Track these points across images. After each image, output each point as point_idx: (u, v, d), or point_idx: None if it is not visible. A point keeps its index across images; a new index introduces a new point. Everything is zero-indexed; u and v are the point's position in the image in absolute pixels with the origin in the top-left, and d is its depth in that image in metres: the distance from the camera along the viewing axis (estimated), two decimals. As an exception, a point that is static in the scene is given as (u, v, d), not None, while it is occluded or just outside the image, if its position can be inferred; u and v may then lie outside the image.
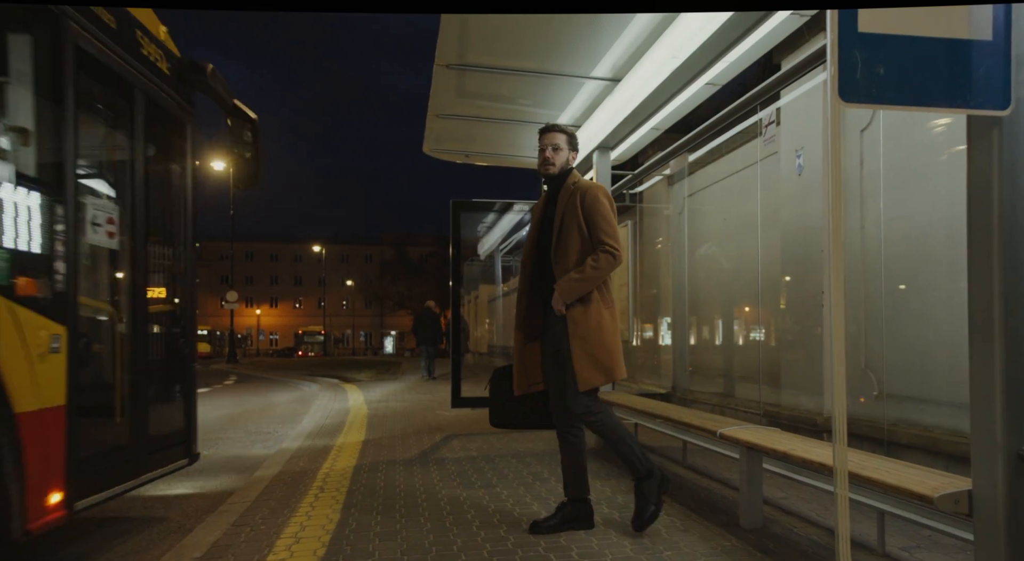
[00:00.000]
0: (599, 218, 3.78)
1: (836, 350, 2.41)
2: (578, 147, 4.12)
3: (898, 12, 2.18)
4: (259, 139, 5.25)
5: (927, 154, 4.88)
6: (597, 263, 3.71)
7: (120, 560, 3.93)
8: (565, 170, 4.01)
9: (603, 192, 3.90)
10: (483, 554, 3.49)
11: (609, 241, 3.73)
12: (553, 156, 3.98)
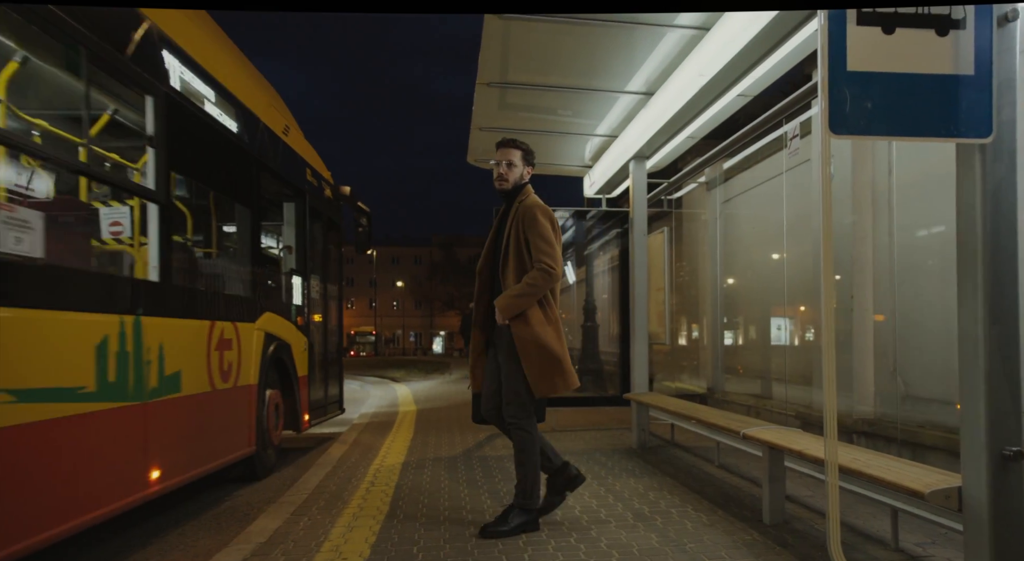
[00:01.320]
0: (535, 237, 3.90)
1: (826, 356, 2.63)
2: (533, 162, 4.23)
3: (886, 49, 2.39)
4: (370, 223, 9.90)
5: (953, 162, 5.00)
6: (533, 280, 3.86)
7: (197, 530, 4.33)
8: (519, 185, 4.12)
9: (541, 211, 3.99)
10: (520, 542, 3.79)
11: (545, 259, 3.86)
12: (507, 172, 4.09)
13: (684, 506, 4.54)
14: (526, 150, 4.18)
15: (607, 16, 4.85)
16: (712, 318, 8.23)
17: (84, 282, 3.86)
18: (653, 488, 5.07)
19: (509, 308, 3.89)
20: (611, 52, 5.41)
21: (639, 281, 6.89)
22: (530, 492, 4.01)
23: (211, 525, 4.81)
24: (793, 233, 6.63)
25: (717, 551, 3.63)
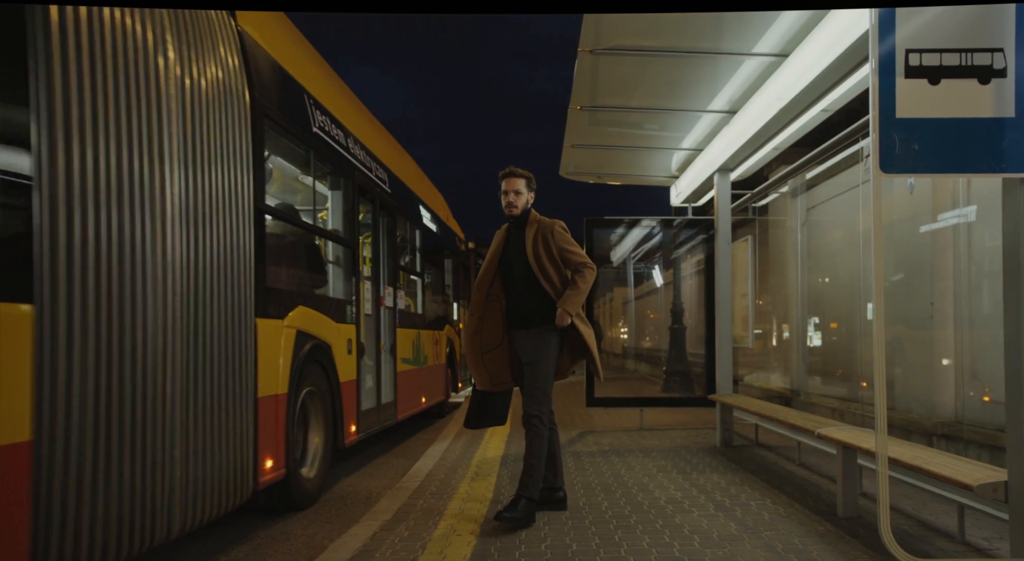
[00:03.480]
0: (569, 246, 4.57)
1: (877, 355, 2.98)
2: (535, 187, 4.73)
3: (931, 98, 2.76)
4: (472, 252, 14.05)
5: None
6: (584, 277, 4.50)
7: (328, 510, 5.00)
8: (527, 210, 4.66)
9: (561, 226, 4.63)
10: (610, 526, 4.26)
11: (584, 260, 4.54)
12: (516, 200, 4.63)
13: (763, 499, 4.91)
14: (529, 178, 4.68)
15: (690, 47, 5.26)
16: (796, 322, 8.46)
17: (428, 320, 10.10)
18: (735, 483, 5.44)
19: (575, 304, 4.49)
20: (694, 78, 5.81)
21: (723, 288, 7.24)
22: (535, 483, 4.45)
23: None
24: (872, 241, 6.84)
25: (791, 539, 4.00)
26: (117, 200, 3.26)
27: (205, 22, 4.08)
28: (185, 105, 3.77)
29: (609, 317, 22.41)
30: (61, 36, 3.01)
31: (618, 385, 13.80)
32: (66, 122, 3.02)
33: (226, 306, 4.07)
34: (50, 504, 2.83)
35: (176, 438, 3.58)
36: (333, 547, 4.01)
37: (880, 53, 2.83)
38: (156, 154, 3.53)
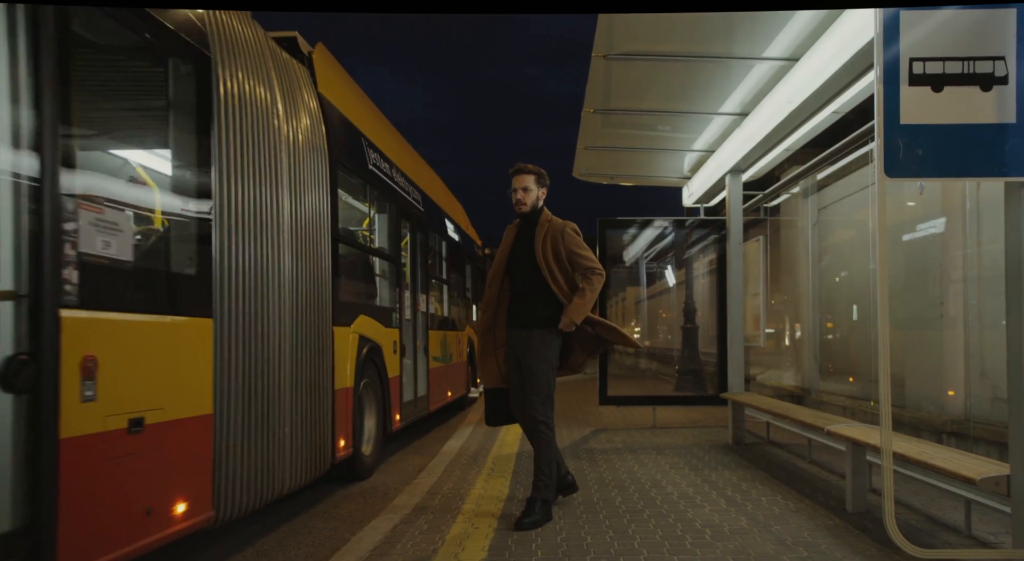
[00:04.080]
0: (579, 249, 4.49)
1: (882, 354, 3.08)
2: (547, 183, 4.63)
3: (935, 105, 2.86)
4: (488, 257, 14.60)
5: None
6: (592, 284, 4.44)
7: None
8: (537, 208, 4.58)
9: (573, 229, 4.56)
10: (624, 520, 4.37)
11: (594, 266, 4.48)
12: (524, 197, 4.54)
13: (774, 495, 5.01)
14: (539, 174, 4.59)
15: (702, 52, 5.36)
16: (808, 321, 8.53)
17: (452, 322, 11.03)
18: (746, 479, 5.54)
19: (582, 313, 4.45)
20: (706, 81, 5.91)
21: (734, 288, 7.33)
22: (551, 484, 4.50)
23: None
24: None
25: (800, 533, 4.10)
26: (255, 235, 4.30)
27: (299, 86, 5.17)
28: (290, 156, 4.84)
29: (622, 316, 22.50)
30: (226, 109, 4.07)
31: (631, 384, 13.91)
32: (229, 172, 4.07)
33: (314, 317, 5.14)
34: (223, 454, 3.96)
35: (286, 420, 4.66)
36: (355, 540, 4.14)
37: (885, 62, 2.93)
38: (275, 197, 4.59)
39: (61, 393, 2.82)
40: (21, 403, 2.70)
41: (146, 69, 3.90)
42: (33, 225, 2.75)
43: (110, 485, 3.17)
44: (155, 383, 3.49)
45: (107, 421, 3.10)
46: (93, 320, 3.05)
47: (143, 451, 3.35)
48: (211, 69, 3.99)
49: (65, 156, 2.92)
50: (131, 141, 4.09)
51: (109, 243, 3.18)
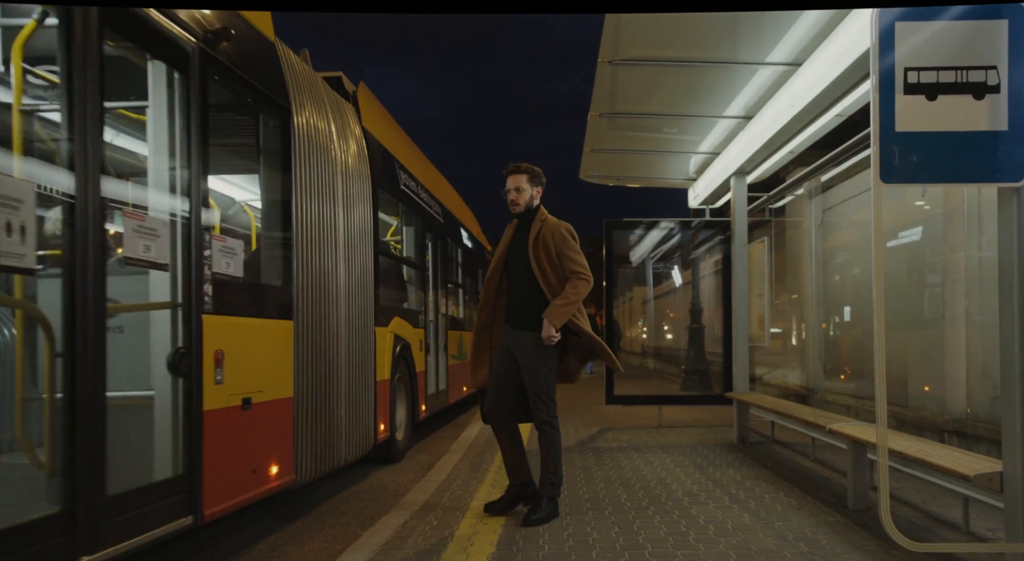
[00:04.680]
0: (570, 252, 4.45)
1: (877, 353, 3.17)
2: (542, 182, 4.61)
3: (929, 113, 2.95)
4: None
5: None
6: (576, 289, 4.40)
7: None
8: (532, 207, 4.57)
9: (568, 230, 4.53)
10: (629, 516, 4.48)
11: (581, 270, 4.43)
12: (517, 197, 4.53)
13: (777, 492, 5.10)
14: (532, 173, 4.58)
15: (706, 57, 5.46)
16: (812, 322, 8.61)
17: (466, 322, 11.50)
18: (750, 477, 5.63)
19: (561, 316, 4.38)
20: (710, 85, 6.00)
21: (739, 289, 7.42)
22: (558, 482, 4.56)
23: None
24: (889, 242, 7.00)
25: (802, 529, 4.19)
26: (320, 251, 5.24)
27: (348, 121, 6.12)
28: (343, 182, 5.78)
29: (629, 316, 22.58)
30: (300, 148, 4.99)
31: (637, 383, 13.98)
32: (303, 200, 4.98)
33: (362, 319, 6.07)
34: (300, 429, 4.91)
35: (343, 404, 5.60)
36: (366, 535, 4.25)
37: (880, 71, 3.02)
38: (333, 218, 5.52)
39: (204, 377, 3.81)
40: (180, 384, 3.69)
41: (247, 124, 4.92)
42: (184, 253, 3.71)
43: (232, 448, 4.14)
44: (257, 371, 4.44)
45: (230, 399, 4.10)
46: (221, 322, 4.03)
47: (250, 424, 4.33)
48: (291, 118, 4.96)
49: (204, 198, 3.88)
50: (238, 181, 5.45)
51: (229, 264, 4.15)
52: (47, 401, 3.02)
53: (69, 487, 2.91)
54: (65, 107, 3.01)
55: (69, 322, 2.97)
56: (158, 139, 3.74)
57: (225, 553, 4.37)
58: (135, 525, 3.29)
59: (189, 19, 3.79)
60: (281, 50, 5.07)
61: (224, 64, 4.13)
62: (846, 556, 3.69)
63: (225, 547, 4.49)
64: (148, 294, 3.68)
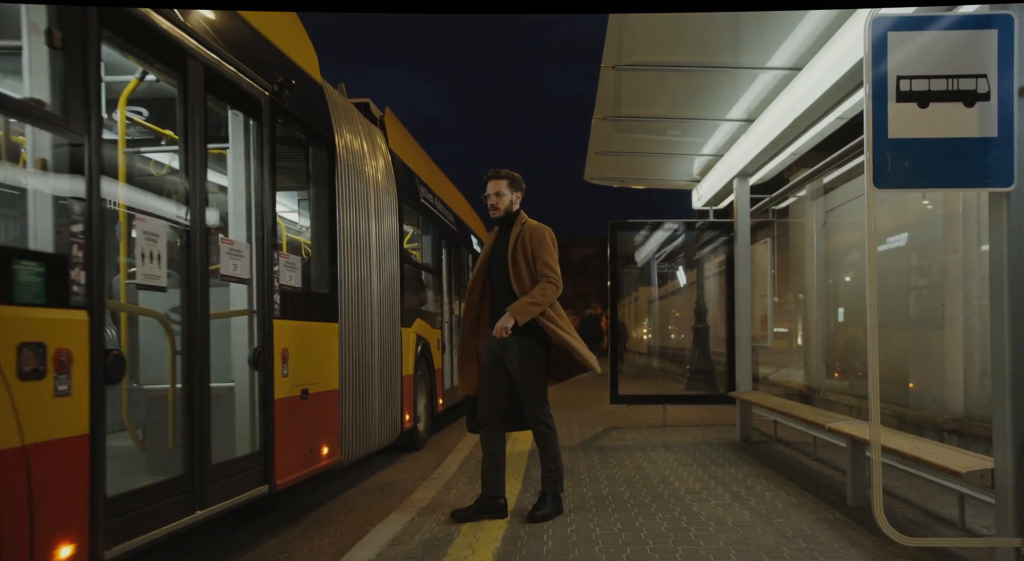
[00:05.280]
0: (545, 255, 4.50)
1: (871, 354, 3.26)
2: (522, 187, 4.67)
3: (921, 120, 3.04)
4: None
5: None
6: (544, 291, 4.44)
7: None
8: (512, 212, 4.63)
9: (548, 233, 4.58)
10: (632, 513, 4.58)
11: (551, 274, 4.46)
12: (497, 201, 4.60)
13: (777, 490, 5.19)
14: (512, 178, 4.63)
15: (708, 62, 5.55)
16: (815, 322, 8.69)
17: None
18: (751, 475, 5.72)
19: (525, 313, 4.40)
20: (712, 89, 6.09)
21: (742, 289, 7.50)
22: (560, 478, 4.61)
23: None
24: (891, 242, 7.07)
25: (800, 525, 4.28)
26: (358, 261, 6.08)
27: (377, 144, 6.92)
28: (375, 198, 6.59)
29: (634, 316, 22.66)
30: (341, 171, 5.80)
31: (642, 383, 14.08)
32: (344, 218, 5.79)
33: (391, 321, 6.90)
34: (344, 416, 5.70)
35: (376, 396, 6.40)
36: (375, 530, 4.36)
37: (874, 79, 3.11)
38: (368, 231, 6.32)
39: (274, 371, 4.58)
40: (256, 377, 4.46)
41: (301, 155, 5.59)
42: (258, 269, 4.47)
43: (294, 430, 4.89)
44: (311, 366, 5.20)
45: (292, 389, 4.86)
46: (286, 325, 4.77)
47: (307, 410, 5.09)
48: (335, 147, 5.73)
49: (273, 222, 4.67)
50: (295, 204, 6.43)
51: (291, 276, 4.92)
52: (170, 390, 3.77)
53: (189, 457, 3.71)
54: (182, 154, 3.80)
55: (186, 327, 3.73)
56: (236, 174, 4.49)
57: (238, 548, 4.48)
58: (230, 489, 4.07)
59: (261, 75, 4.54)
60: (326, 90, 5.88)
61: (286, 109, 4.89)
62: (843, 552, 3.78)
63: (237, 542, 4.60)
64: (230, 303, 4.43)
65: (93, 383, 2.94)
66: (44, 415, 2.73)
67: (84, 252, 2.93)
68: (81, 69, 2.97)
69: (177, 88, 3.77)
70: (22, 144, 3.02)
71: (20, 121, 2.95)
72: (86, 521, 2.93)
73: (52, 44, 2.86)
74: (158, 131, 4.78)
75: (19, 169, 3.10)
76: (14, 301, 2.63)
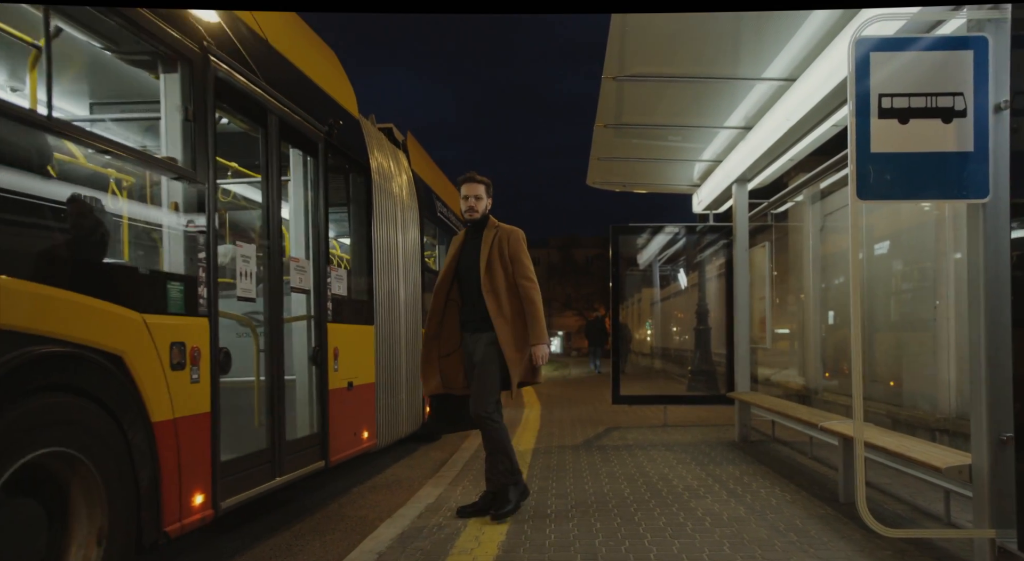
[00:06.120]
0: (523, 257, 4.71)
1: (854, 355, 3.43)
2: (492, 194, 4.86)
3: (901, 135, 3.23)
4: None
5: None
6: (532, 300, 4.65)
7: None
8: (485, 214, 4.81)
9: (522, 236, 4.78)
10: (631, 509, 4.76)
11: (528, 274, 4.69)
12: (476, 204, 4.76)
13: (772, 487, 5.37)
14: (487, 183, 4.83)
15: (705, 73, 5.74)
16: (812, 324, 8.86)
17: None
18: (748, 473, 5.90)
19: (541, 329, 4.64)
20: (710, 99, 6.28)
21: (740, 292, 7.68)
22: (514, 468, 4.72)
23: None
24: (885, 246, 7.24)
25: (793, 520, 4.47)
26: (388, 271, 6.87)
27: (401, 165, 7.71)
28: (401, 214, 7.39)
29: (637, 318, 22.85)
30: (375, 192, 6.59)
31: (644, 383, 14.25)
32: (378, 234, 6.60)
33: (413, 323, 7.67)
34: (379, 406, 6.59)
35: (403, 389, 7.27)
36: (384, 525, 4.55)
37: (857, 97, 3.30)
38: (396, 244, 7.15)
39: (328, 366, 5.46)
40: (313, 371, 5.36)
41: (343, 180, 6.28)
42: (315, 281, 5.36)
43: (343, 417, 5.75)
44: (354, 362, 6.03)
45: (341, 382, 5.74)
46: (336, 328, 5.65)
47: (353, 400, 5.98)
48: (370, 172, 6.56)
49: (327, 241, 5.57)
50: (340, 223, 6.85)
51: (340, 286, 5.82)
52: (256, 381, 4.61)
53: (270, 434, 4.62)
54: (263, 189, 4.70)
55: (267, 330, 4.66)
56: (296, 201, 5.38)
57: (250, 541, 4.68)
58: (298, 462, 4.97)
59: (317, 119, 5.43)
60: (363, 123, 6.74)
61: (335, 145, 5.77)
62: (832, 545, 3.96)
63: (252, 535, 4.79)
64: (291, 310, 5.24)
65: (213, 373, 3.87)
66: (184, 396, 3.63)
67: (206, 273, 3.86)
68: (203, 134, 3.87)
69: (260, 137, 4.69)
70: (158, 191, 3.89)
71: (160, 173, 3.85)
72: (210, 478, 3.86)
73: (187, 118, 3.79)
74: (245, 171, 5.69)
75: (160, 210, 3.91)
76: (167, 311, 3.56)
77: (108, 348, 3.12)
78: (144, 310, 3.37)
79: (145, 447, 3.31)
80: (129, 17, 3.39)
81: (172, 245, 3.80)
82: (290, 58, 5.34)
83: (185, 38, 3.81)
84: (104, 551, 3.04)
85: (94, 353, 3.03)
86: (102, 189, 3.92)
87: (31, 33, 3.14)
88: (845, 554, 3.79)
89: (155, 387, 3.39)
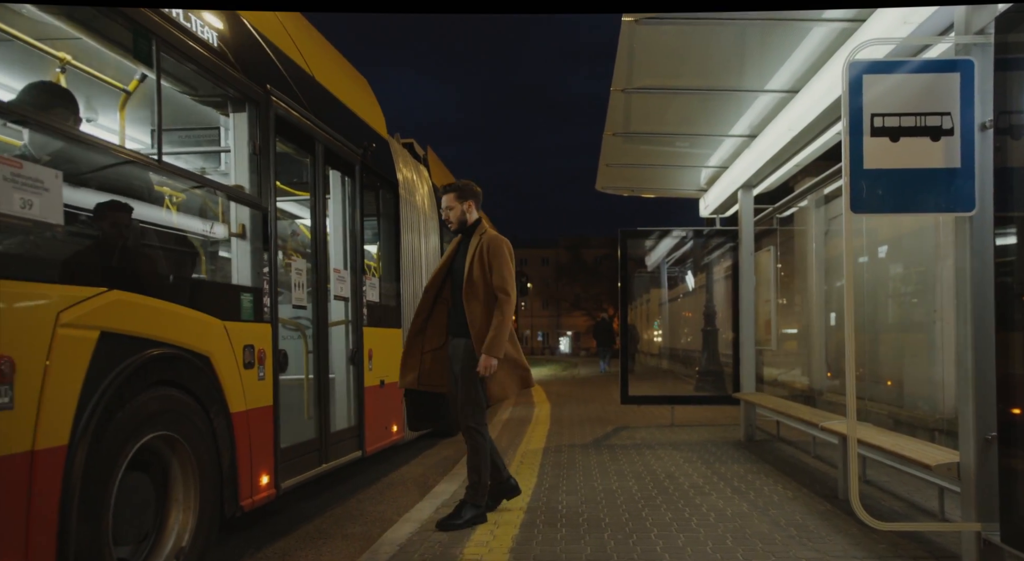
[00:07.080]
0: (501, 266, 4.58)
1: (848, 356, 3.64)
2: (473, 194, 4.76)
3: (892, 152, 3.43)
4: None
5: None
6: (502, 311, 4.53)
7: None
8: (466, 222, 4.74)
9: (506, 245, 4.67)
10: (639, 505, 4.98)
11: (507, 287, 4.55)
12: (448, 214, 4.75)
13: (775, 485, 5.58)
14: (459, 189, 4.75)
15: (710, 86, 5.95)
16: (817, 326, 9.05)
17: None
18: (752, 471, 6.11)
19: (498, 347, 4.49)
20: (716, 109, 6.49)
21: (746, 295, 7.89)
22: (482, 491, 4.64)
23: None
24: (886, 250, 7.43)
25: (793, 516, 4.67)
26: (412, 277, 7.47)
27: (423, 178, 8.26)
28: (423, 224, 7.97)
29: (645, 319, 23.04)
30: (402, 206, 7.24)
31: (652, 384, 14.44)
32: (405, 244, 7.27)
33: None
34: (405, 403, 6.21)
35: None
36: (402, 520, 4.78)
37: (850, 116, 3.50)
38: (419, 253, 7.76)
39: (364, 366, 6.07)
40: (351, 370, 5.94)
41: (375, 196, 6.88)
42: (353, 289, 5.94)
43: (377, 411, 6.37)
44: (386, 362, 6.59)
45: (375, 380, 6.34)
46: (371, 331, 6.29)
47: (385, 397, 6.65)
48: (398, 187, 7.21)
49: (363, 253, 6.20)
50: (372, 236, 7.13)
51: (373, 293, 6.45)
52: (305, 379, 5.22)
53: (318, 425, 5.25)
54: (311, 209, 5.38)
55: (315, 334, 5.27)
56: (336, 217, 5.90)
57: (276, 534, 4.92)
58: (340, 451, 5.62)
59: (354, 144, 6.06)
60: (391, 143, 7.33)
61: (369, 165, 6.40)
62: (830, 539, 4.17)
63: (276, 529, 5.03)
64: (333, 316, 5.68)
65: (275, 371, 4.50)
66: (254, 391, 4.24)
67: (269, 285, 4.46)
68: (267, 165, 4.50)
69: (309, 162, 5.36)
70: (228, 214, 4.41)
71: (230, 200, 4.39)
72: (272, 462, 4.46)
73: (254, 152, 4.41)
74: (290, 190, 6.11)
75: (231, 230, 4.41)
76: (240, 319, 4.16)
77: (200, 350, 3.71)
78: (224, 317, 3.95)
79: (226, 434, 3.89)
80: (207, 67, 3.96)
81: (241, 261, 4.39)
82: (332, 90, 5.92)
83: (252, 82, 4.38)
84: (196, 519, 3.62)
85: (190, 354, 3.62)
86: (194, 215, 4.33)
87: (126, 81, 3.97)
88: (842, 547, 4.00)
89: (232, 382, 3.98)
